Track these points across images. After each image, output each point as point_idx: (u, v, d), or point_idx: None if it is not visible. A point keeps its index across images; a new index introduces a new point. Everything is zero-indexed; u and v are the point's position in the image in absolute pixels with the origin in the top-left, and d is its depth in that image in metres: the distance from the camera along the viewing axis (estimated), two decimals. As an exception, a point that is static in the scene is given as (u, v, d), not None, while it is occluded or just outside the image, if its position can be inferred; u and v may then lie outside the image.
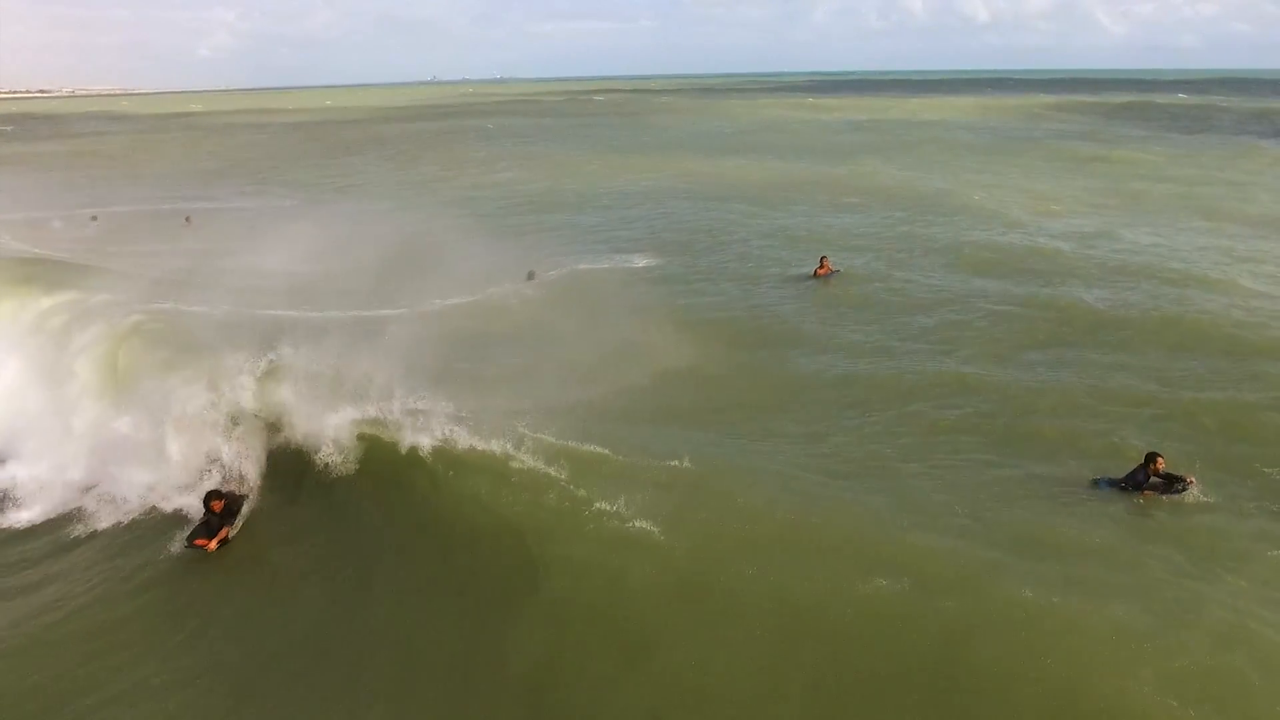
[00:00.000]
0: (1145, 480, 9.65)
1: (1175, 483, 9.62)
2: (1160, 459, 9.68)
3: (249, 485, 10.89)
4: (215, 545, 9.98)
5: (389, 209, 32.47)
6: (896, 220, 27.02)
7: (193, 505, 10.57)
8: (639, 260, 22.71)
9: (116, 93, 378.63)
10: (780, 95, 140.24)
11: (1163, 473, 9.66)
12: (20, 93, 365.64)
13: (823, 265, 20.09)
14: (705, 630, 7.68)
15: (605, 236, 26.56)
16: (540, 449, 10.05)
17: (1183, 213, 27.85)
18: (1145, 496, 9.59)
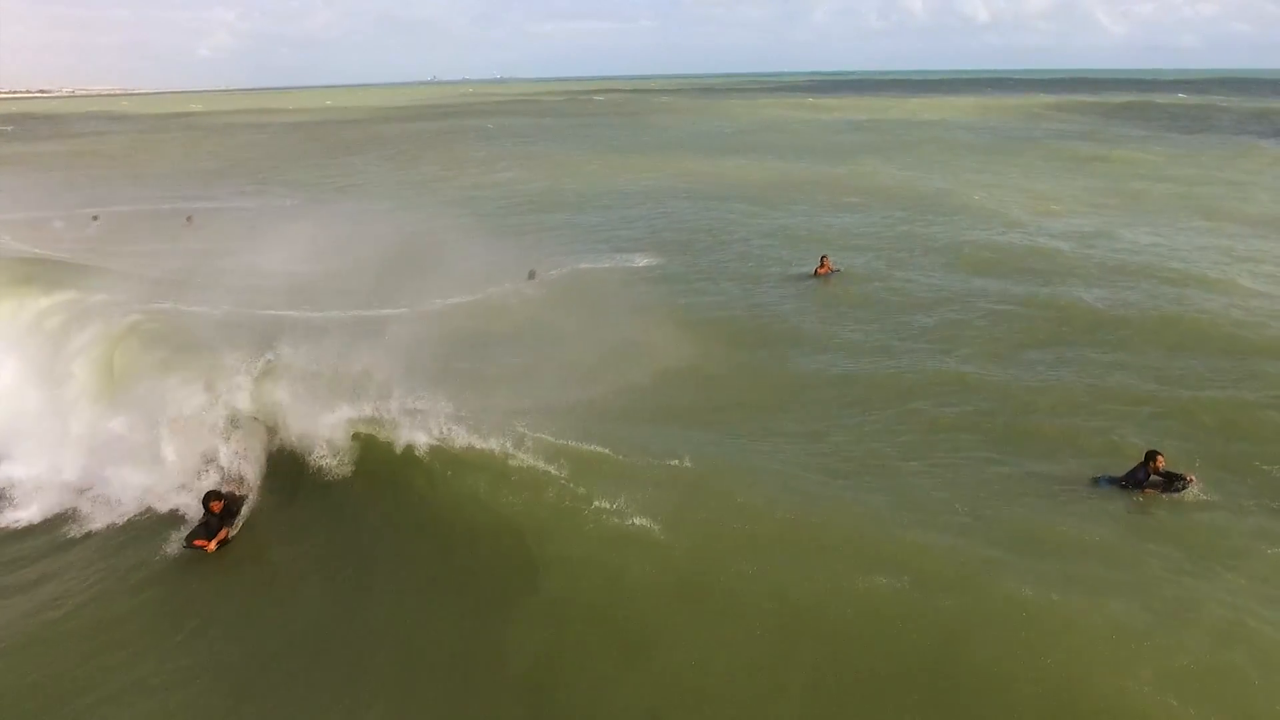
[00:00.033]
0: (1145, 478, 9.66)
1: (1175, 481, 9.63)
2: (1160, 457, 9.69)
3: (248, 485, 10.84)
4: (214, 546, 9.92)
5: (389, 209, 32.45)
6: (897, 220, 27.03)
7: (191, 505, 10.54)
8: (640, 260, 22.72)
9: (116, 93, 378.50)
10: (780, 95, 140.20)
11: (1163, 471, 9.66)
12: (20, 93, 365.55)
13: (823, 264, 20.11)
14: (705, 629, 7.69)
15: (606, 236, 26.56)
16: (540, 448, 10.05)
17: (1182, 212, 27.86)
18: (1145, 494, 9.60)
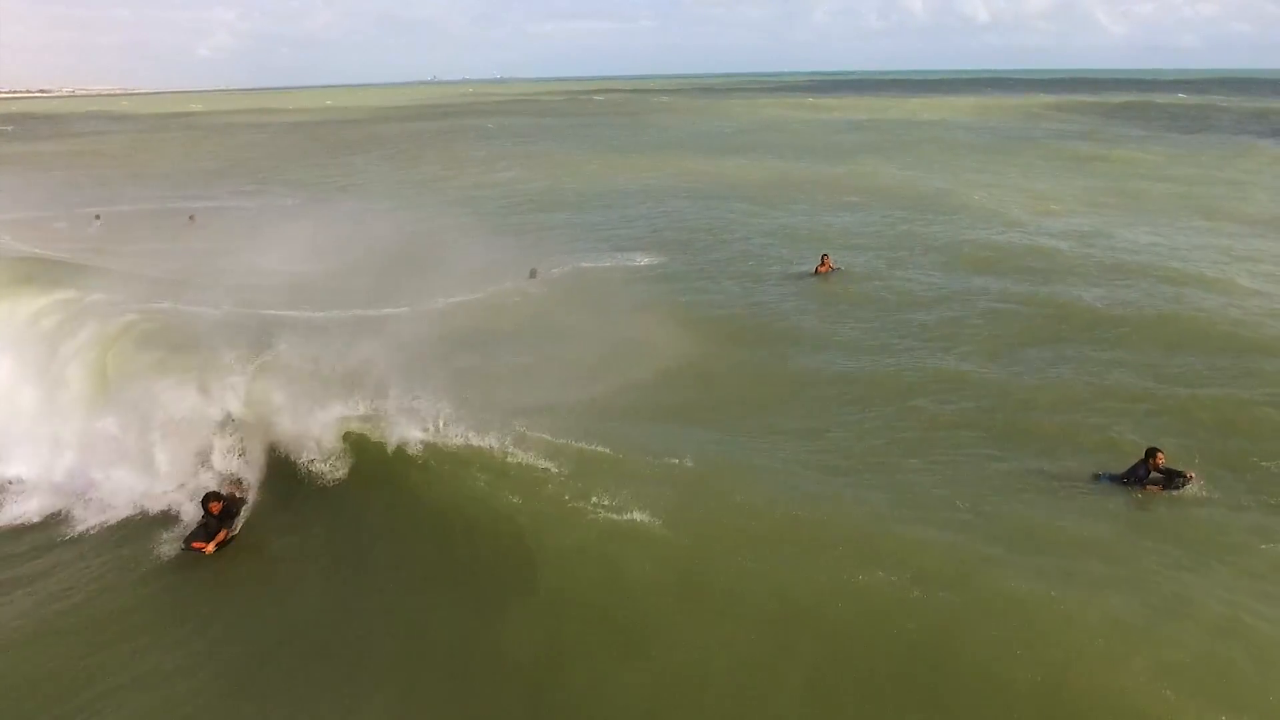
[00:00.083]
0: (1146, 475, 9.71)
1: (1175, 478, 9.67)
2: (1160, 454, 9.74)
3: (247, 486, 10.81)
4: (213, 548, 9.85)
5: (390, 208, 32.46)
6: (897, 219, 27.08)
7: (191, 505, 10.53)
8: (641, 258, 22.78)
9: (116, 93, 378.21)
10: (780, 95, 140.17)
11: (1163, 468, 9.71)
12: (20, 93, 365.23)
13: (824, 263, 20.17)
14: (704, 625, 7.73)
15: (607, 235, 26.61)
16: (541, 445, 10.10)
17: (1181, 212, 27.93)
18: (1145, 492, 9.65)
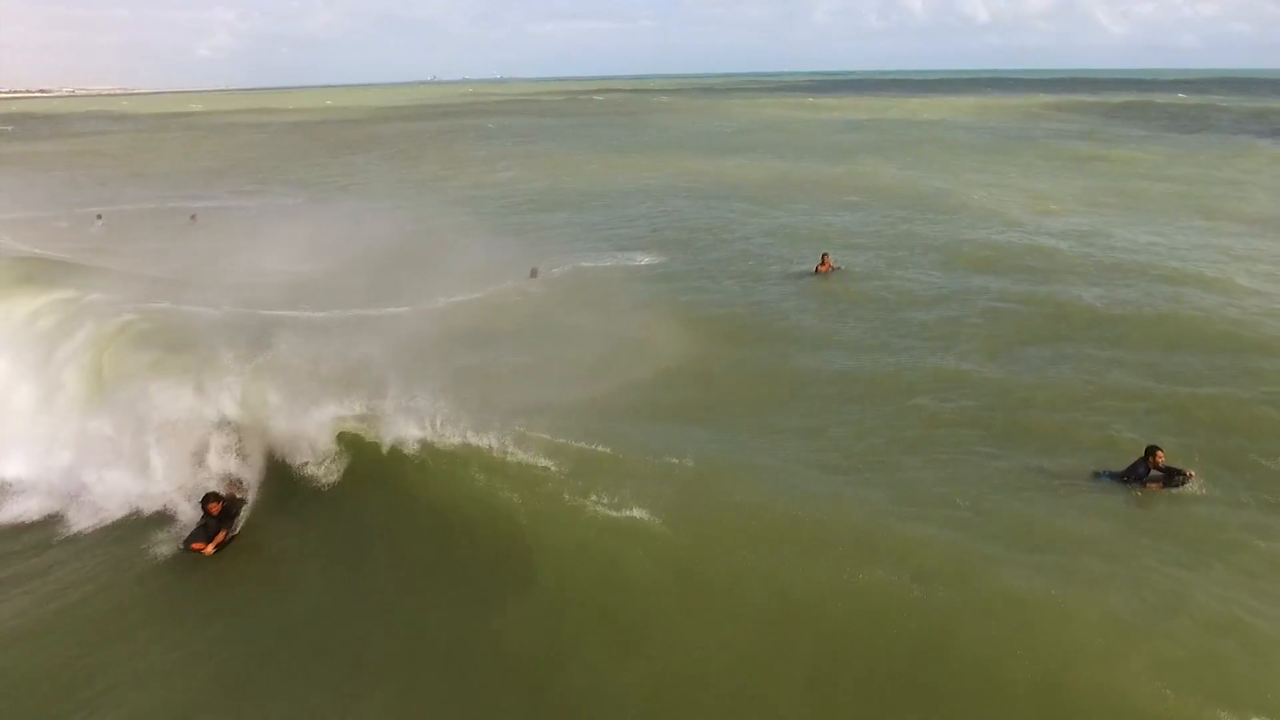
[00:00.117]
0: (1146, 473, 9.74)
1: (1175, 476, 9.71)
2: (1160, 452, 9.78)
3: (246, 486, 10.80)
4: (212, 549, 9.84)
5: (390, 207, 32.50)
6: (897, 219, 27.10)
7: (188, 503, 10.52)
8: (641, 258, 22.80)
9: (116, 93, 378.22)
10: (780, 95, 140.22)
11: (1163, 466, 9.75)
12: (20, 93, 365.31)
13: (824, 262, 20.21)
14: (704, 622, 7.78)
15: (607, 234, 26.63)
16: (541, 443, 10.14)
17: (1181, 212, 27.96)
18: (1145, 489, 9.68)
